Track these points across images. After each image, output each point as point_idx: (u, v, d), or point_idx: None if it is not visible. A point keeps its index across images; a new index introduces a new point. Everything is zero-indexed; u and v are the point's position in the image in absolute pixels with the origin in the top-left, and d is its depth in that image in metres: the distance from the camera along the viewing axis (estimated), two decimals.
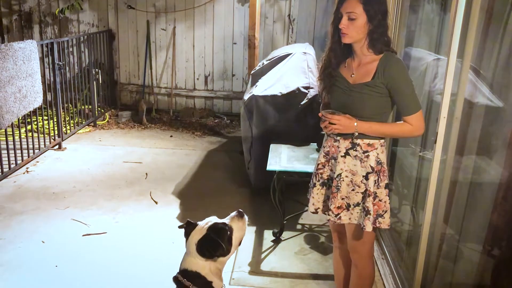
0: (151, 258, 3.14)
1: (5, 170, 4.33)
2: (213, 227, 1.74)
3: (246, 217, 1.86)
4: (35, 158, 4.89)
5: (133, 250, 3.25)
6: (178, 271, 1.76)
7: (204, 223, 1.77)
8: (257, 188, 4.10)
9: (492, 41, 2.32)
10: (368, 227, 2.11)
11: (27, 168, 4.68)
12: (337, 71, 2.18)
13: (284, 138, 3.80)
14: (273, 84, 4.01)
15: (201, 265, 1.71)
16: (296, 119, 3.80)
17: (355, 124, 2.06)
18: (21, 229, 3.49)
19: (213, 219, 1.80)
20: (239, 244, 1.84)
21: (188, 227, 1.81)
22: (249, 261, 3.17)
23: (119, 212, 3.84)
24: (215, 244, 1.69)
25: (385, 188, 2.15)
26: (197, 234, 1.74)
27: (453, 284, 2.57)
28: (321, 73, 2.23)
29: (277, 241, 3.43)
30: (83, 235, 3.44)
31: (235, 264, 3.12)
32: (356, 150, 2.12)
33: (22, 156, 4.66)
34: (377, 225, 2.15)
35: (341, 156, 2.15)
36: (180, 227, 1.85)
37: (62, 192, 4.16)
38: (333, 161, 2.20)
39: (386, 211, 2.16)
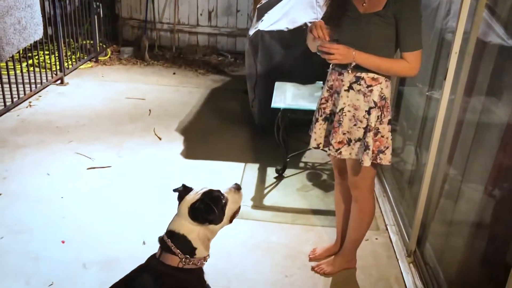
0: (154, 192, 3.19)
1: (8, 103, 4.31)
2: (209, 193, 1.70)
3: (242, 191, 1.82)
4: (38, 92, 4.85)
5: (136, 184, 3.29)
6: (164, 231, 1.72)
7: (200, 189, 1.72)
8: (261, 126, 4.09)
9: None
10: (366, 162, 2.10)
11: (30, 102, 4.65)
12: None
13: (289, 75, 3.73)
14: (280, 18, 3.89)
15: (190, 229, 1.66)
16: (303, 56, 3.70)
17: (353, 53, 1.99)
18: (25, 162, 3.52)
19: (209, 187, 1.75)
20: (233, 218, 1.79)
21: (183, 191, 1.76)
22: (252, 196, 3.22)
23: (123, 147, 3.85)
24: (209, 208, 1.64)
25: (387, 124, 2.13)
26: (192, 197, 1.69)
27: (453, 222, 2.61)
28: (332, 1, 2.13)
29: (279, 178, 3.46)
30: (88, 168, 3.47)
31: None
32: (360, 84, 2.08)
33: (24, 90, 4.62)
34: (378, 161, 2.14)
35: (345, 90, 2.11)
36: (174, 190, 1.78)
37: (65, 127, 4.16)
38: (336, 95, 2.17)
39: (387, 147, 2.14)
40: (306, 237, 2.81)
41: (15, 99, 4.43)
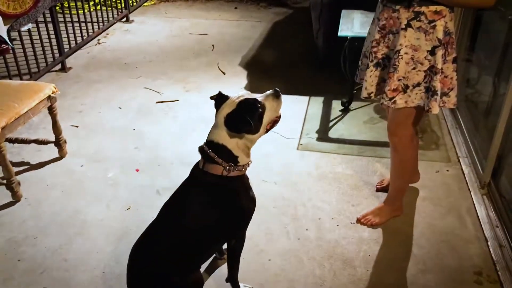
0: None
1: (78, 41, 4.46)
2: (244, 102, 1.64)
3: (281, 98, 1.71)
4: (105, 30, 4.98)
5: (202, 117, 3.35)
6: (204, 141, 1.71)
7: (236, 97, 1.67)
8: (326, 58, 3.97)
9: None
10: (435, 109, 1.90)
11: (98, 39, 4.79)
12: None
13: (357, 2, 3.55)
14: None
15: (228, 139, 1.64)
16: None
17: None
18: (98, 96, 3.67)
19: (245, 94, 1.69)
20: (272, 126, 1.72)
21: (220, 99, 1.70)
22: (317, 128, 3.19)
23: (189, 81, 3.91)
24: (243, 119, 1.59)
25: (452, 62, 1.92)
26: (228, 107, 1.64)
27: None
28: None
29: (345, 110, 3.39)
30: (157, 102, 3.58)
31: (303, 131, 3.16)
32: (420, 21, 1.82)
33: (93, 28, 4.75)
34: (441, 104, 1.96)
35: (402, 29, 1.86)
36: (211, 98, 1.73)
37: (133, 63, 4.27)
38: (390, 35, 1.93)
39: (452, 89, 1.95)
40: (373, 168, 2.77)
41: (84, 37, 4.57)
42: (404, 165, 2.24)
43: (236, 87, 3.80)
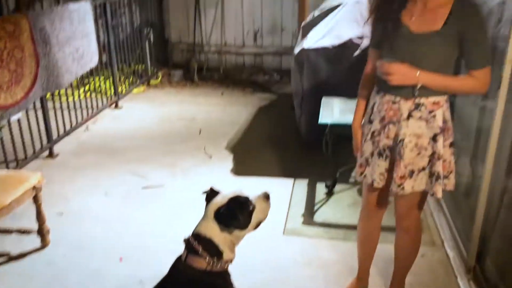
0: None
1: (67, 128, 4.55)
2: (236, 199, 1.69)
3: (270, 201, 1.77)
4: (94, 116, 5.10)
5: (189, 202, 3.36)
6: (190, 233, 1.72)
7: (228, 193, 1.72)
8: (308, 142, 4.09)
9: None
10: (439, 193, 1.95)
11: (87, 126, 4.89)
12: (399, 16, 1.91)
13: (336, 91, 3.73)
14: (325, 35, 3.91)
15: (216, 233, 1.66)
16: (349, 71, 3.70)
17: (417, 74, 1.80)
18: (85, 183, 3.69)
19: (237, 191, 1.74)
20: (258, 225, 1.76)
21: (211, 194, 1.76)
22: (302, 212, 3.21)
23: (176, 166, 3.96)
24: (234, 215, 1.64)
25: (449, 147, 1.99)
26: (219, 201, 1.69)
27: None
28: (378, 17, 1.96)
29: (330, 193, 3.44)
30: (143, 188, 3.60)
31: (288, 215, 3.17)
32: (420, 111, 1.90)
33: (82, 115, 4.87)
34: (442, 187, 2.00)
35: (404, 120, 1.93)
36: (203, 193, 1.79)
37: (121, 148, 4.35)
38: (390, 125, 1.98)
39: (451, 172, 2.01)
40: None
41: (73, 124, 4.67)
42: (417, 245, 2.27)
43: (223, 171, 3.85)
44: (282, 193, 3.45)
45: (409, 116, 1.93)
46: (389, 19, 1.91)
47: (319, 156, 3.61)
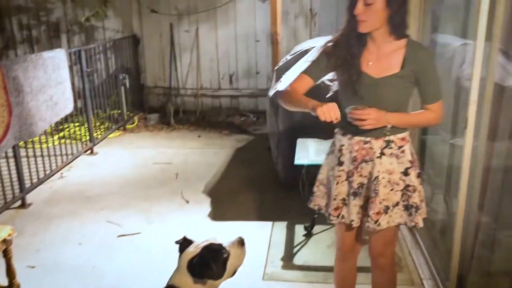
0: None
1: (41, 176, 4.47)
2: (208, 248, 1.65)
3: (245, 247, 1.74)
4: (69, 163, 5.03)
5: (165, 249, 3.28)
6: (164, 286, 1.67)
7: (201, 242, 1.68)
8: (286, 183, 4.10)
9: None
10: (421, 223, 2.02)
11: (62, 173, 4.81)
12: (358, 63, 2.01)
13: (311, 132, 3.78)
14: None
15: (190, 285, 1.62)
16: None
17: (386, 116, 1.92)
18: (58, 233, 3.59)
19: (211, 239, 1.70)
20: (235, 272, 1.73)
21: (184, 243, 1.73)
22: (281, 256, 3.18)
23: (152, 212, 3.90)
24: (206, 265, 1.59)
25: (417, 177, 2.06)
26: (191, 251, 1.65)
27: (492, 273, 2.51)
28: (341, 65, 2.03)
29: (309, 235, 3.42)
30: (118, 236, 3.52)
31: (268, 259, 3.13)
32: (391, 148, 2.01)
33: (56, 162, 4.80)
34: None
35: (377, 158, 2.01)
36: (176, 242, 1.75)
37: (96, 195, 4.27)
38: (363, 164, 2.04)
39: (422, 200, 2.07)
40: None
41: (47, 171, 4.59)
42: (394, 282, 2.27)
43: (200, 216, 3.81)
44: (261, 237, 3.42)
45: (382, 154, 2.02)
46: (352, 68, 2.00)
47: (297, 197, 3.62)
